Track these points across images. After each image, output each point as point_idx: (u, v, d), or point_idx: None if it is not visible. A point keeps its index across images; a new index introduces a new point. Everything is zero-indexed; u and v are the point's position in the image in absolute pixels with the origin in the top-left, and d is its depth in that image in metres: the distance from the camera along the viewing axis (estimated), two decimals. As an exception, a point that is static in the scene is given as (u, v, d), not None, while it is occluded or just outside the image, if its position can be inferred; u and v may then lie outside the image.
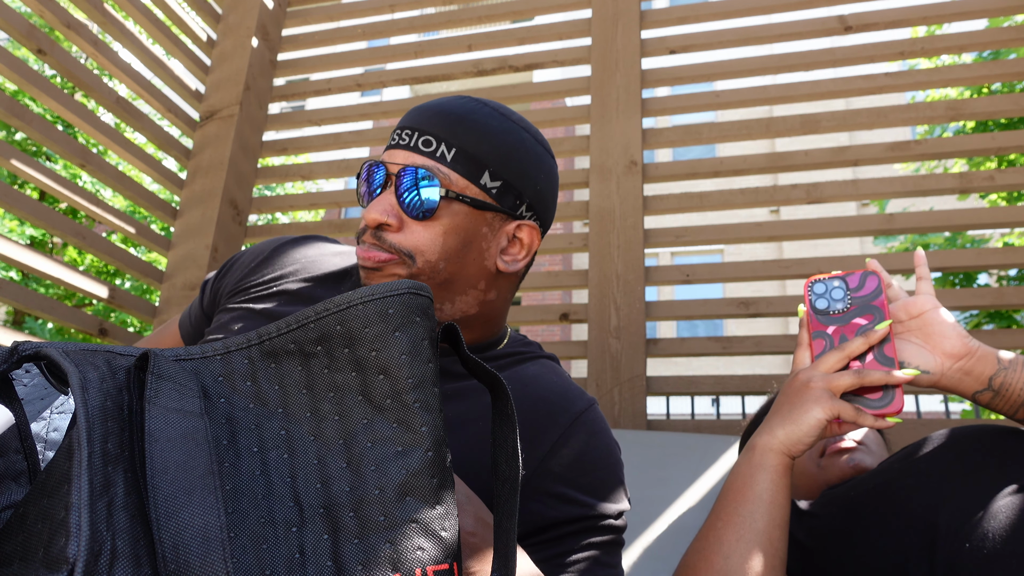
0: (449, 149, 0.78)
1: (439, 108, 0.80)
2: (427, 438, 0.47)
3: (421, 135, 0.79)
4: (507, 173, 0.80)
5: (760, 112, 14.85)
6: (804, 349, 0.88)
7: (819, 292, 0.89)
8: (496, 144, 0.80)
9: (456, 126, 0.79)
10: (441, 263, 0.78)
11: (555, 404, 0.83)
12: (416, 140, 0.79)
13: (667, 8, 2.15)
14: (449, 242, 0.78)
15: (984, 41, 1.99)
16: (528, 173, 0.82)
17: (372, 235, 0.79)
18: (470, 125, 0.79)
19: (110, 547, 0.37)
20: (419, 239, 0.78)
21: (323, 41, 2.51)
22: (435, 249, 0.78)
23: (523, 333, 12.16)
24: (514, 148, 0.81)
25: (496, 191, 0.80)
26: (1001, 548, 0.75)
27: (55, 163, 7.90)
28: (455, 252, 0.79)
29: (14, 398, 0.47)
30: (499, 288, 0.85)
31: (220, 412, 0.47)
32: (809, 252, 14.33)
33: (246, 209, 2.33)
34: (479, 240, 0.80)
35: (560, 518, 0.77)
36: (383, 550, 0.44)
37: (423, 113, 0.80)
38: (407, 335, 0.49)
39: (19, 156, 1.71)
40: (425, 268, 0.78)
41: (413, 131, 0.80)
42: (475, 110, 0.81)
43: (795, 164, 1.98)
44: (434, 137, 0.78)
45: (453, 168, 0.78)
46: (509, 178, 0.80)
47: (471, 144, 0.78)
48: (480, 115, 0.80)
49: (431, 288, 0.76)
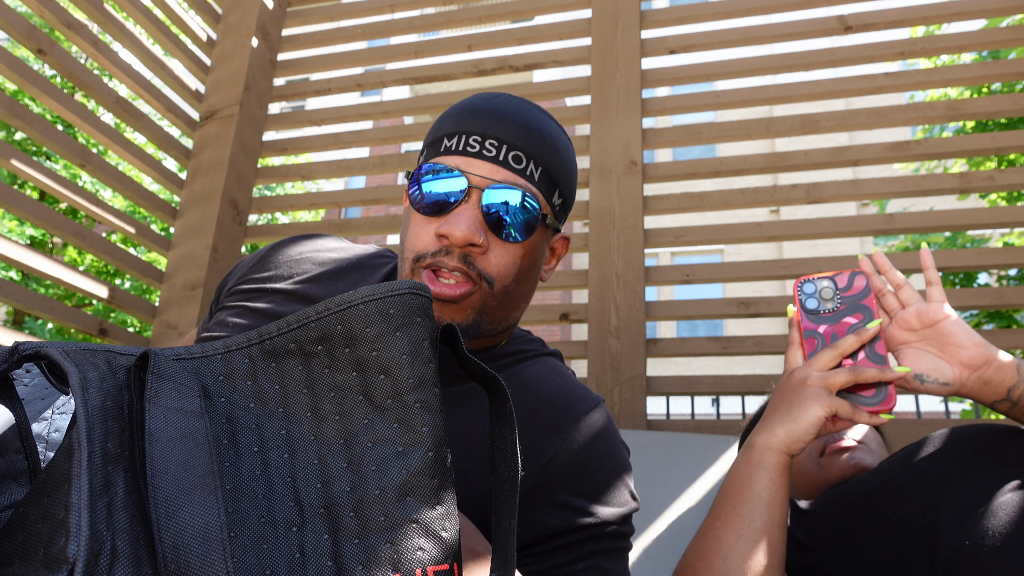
0: (536, 167, 0.73)
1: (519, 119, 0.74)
2: (428, 438, 0.47)
3: (510, 149, 0.72)
4: (568, 192, 0.79)
5: (760, 112, 14.85)
6: (796, 348, 0.88)
7: (809, 292, 0.89)
8: (565, 162, 0.77)
9: (541, 142, 0.74)
10: (513, 284, 0.74)
11: (556, 409, 0.80)
12: (506, 154, 0.72)
13: (667, 8, 2.15)
14: (525, 263, 0.75)
15: (983, 41, 1.99)
16: (574, 188, 0.81)
17: (459, 259, 0.70)
18: (551, 143, 0.75)
19: (110, 547, 0.37)
20: (503, 263, 0.72)
21: (323, 41, 2.51)
22: (513, 272, 0.73)
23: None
24: (572, 165, 0.79)
25: (559, 208, 0.78)
26: (1001, 545, 0.75)
27: (55, 163, 7.90)
28: (526, 272, 0.76)
29: (15, 398, 0.47)
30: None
31: (220, 411, 0.47)
32: (809, 252, 14.33)
33: (246, 209, 2.33)
34: (541, 258, 0.79)
35: (562, 527, 0.74)
36: (383, 550, 0.44)
37: (503, 121, 0.73)
38: (408, 335, 0.49)
39: (19, 156, 1.71)
40: (499, 294, 0.73)
41: (500, 142, 0.72)
42: (547, 122, 0.77)
43: (795, 164, 1.98)
44: (524, 153, 0.72)
45: (539, 187, 0.74)
46: (568, 196, 0.79)
47: (551, 163, 0.75)
48: (554, 130, 0.77)
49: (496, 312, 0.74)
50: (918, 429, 1.68)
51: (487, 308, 0.73)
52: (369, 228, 2.21)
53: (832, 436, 1.12)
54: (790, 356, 0.88)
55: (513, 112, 0.74)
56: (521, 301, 0.79)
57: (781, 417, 0.81)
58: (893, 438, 1.50)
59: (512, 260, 0.72)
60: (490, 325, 0.77)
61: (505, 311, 0.76)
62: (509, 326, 0.82)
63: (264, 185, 7.98)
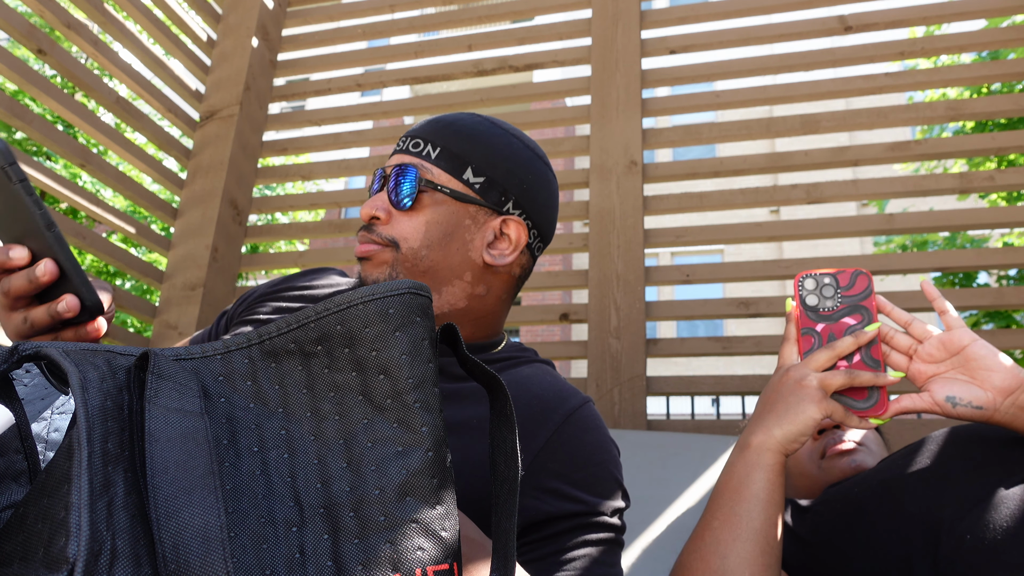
0: (434, 148, 0.86)
1: (434, 117, 0.90)
2: (427, 438, 0.47)
3: (413, 139, 0.88)
4: (490, 170, 0.86)
5: (760, 112, 14.85)
6: (792, 344, 0.88)
7: (809, 288, 0.89)
8: (480, 144, 0.87)
9: (444, 130, 0.87)
10: (423, 250, 0.84)
11: (549, 401, 0.83)
12: (408, 144, 0.88)
13: (667, 8, 2.15)
14: (432, 231, 0.85)
15: (983, 41, 1.99)
16: (513, 172, 0.88)
17: (364, 228, 0.87)
18: (457, 128, 0.87)
19: (110, 547, 0.37)
20: (403, 228, 0.85)
21: (323, 41, 2.51)
22: (418, 236, 0.85)
23: (523, 331, 12.08)
24: (498, 148, 0.87)
25: (479, 186, 0.86)
26: (1002, 538, 0.75)
27: (55, 163, 7.90)
28: (437, 240, 0.85)
29: (14, 398, 0.47)
30: (488, 284, 0.88)
31: (220, 412, 0.47)
32: (809, 252, 14.33)
33: (246, 209, 2.33)
34: (462, 231, 0.86)
35: (555, 513, 0.76)
36: (383, 550, 0.44)
37: (420, 123, 0.90)
38: (407, 335, 0.49)
39: (19, 156, 1.71)
40: (408, 254, 0.84)
41: (408, 138, 0.89)
42: (466, 119, 0.89)
43: (795, 164, 1.99)
44: (422, 139, 0.87)
45: (436, 164, 0.86)
46: (492, 175, 0.86)
47: (455, 144, 0.86)
48: (469, 122, 0.88)
49: (416, 276, 0.84)
50: (918, 429, 1.68)
51: (402, 269, 0.86)
52: (369, 228, 2.20)
53: (833, 438, 1.12)
54: (785, 352, 0.88)
55: (437, 117, 0.90)
56: (452, 276, 0.86)
57: (778, 417, 0.81)
58: (893, 438, 1.50)
59: (413, 226, 0.85)
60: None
61: (427, 279, 0.86)
62: (455, 309, 0.87)
63: (264, 185, 7.97)
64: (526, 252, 0.91)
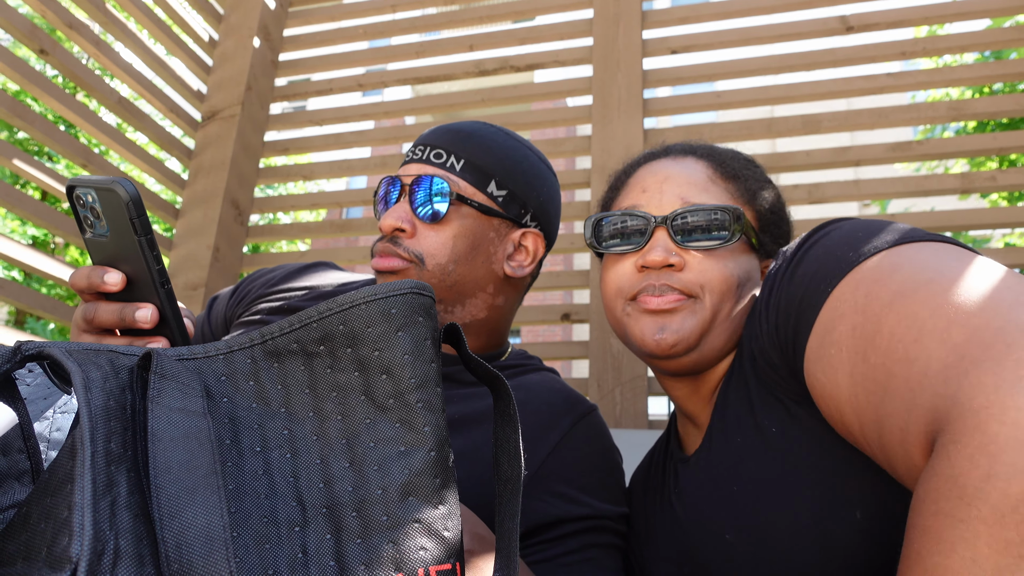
0: (458, 160, 0.85)
1: (449, 127, 0.88)
2: (430, 438, 0.47)
3: (433, 149, 0.86)
4: (512, 183, 0.86)
5: (761, 112, 14.83)
6: None
7: None
8: (501, 157, 0.86)
9: (465, 141, 0.85)
10: (451, 265, 0.83)
11: (558, 406, 0.85)
12: (428, 154, 0.86)
13: (669, 8, 2.15)
14: (459, 245, 0.83)
15: (985, 41, 1.98)
16: (532, 184, 0.88)
17: (387, 241, 0.83)
18: (478, 140, 0.86)
19: (113, 547, 0.37)
20: (430, 243, 0.82)
21: (325, 41, 2.51)
22: (445, 252, 0.83)
23: (524, 331, 12.01)
24: (518, 162, 0.87)
25: (502, 199, 0.86)
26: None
27: (57, 163, 7.90)
28: (464, 255, 0.84)
29: (17, 398, 0.47)
30: (506, 294, 0.90)
31: (223, 411, 0.47)
32: (810, 252, 14.29)
33: (248, 209, 2.33)
34: (487, 244, 0.85)
35: (562, 516, 0.77)
36: (386, 550, 0.44)
37: (434, 132, 0.87)
38: (410, 335, 0.49)
39: (21, 156, 1.71)
40: (436, 271, 0.82)
41: (426, 147, 0.86)
42: (482, 129, 0.88)
43: (796, 164, 1.98)
44: (444, 150, 0.85)
45: (462, 176, 0.84)
46: (514, 188, 0.86)
47: (478, 156, 0.85)
48: (487, 132, 0.87)
49: (442, 291, 0.83)
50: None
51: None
52: (370, 228, 2.21)
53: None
54: None
55: (451, 125, 0.88)
56: (477, 289, 0.85)
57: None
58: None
59: (441, 240, 0.82)
60: (439, 304, 0.83)
61: (452, 293, 0.84)
62: (476, 320, 0.87)
63: (266, 185, 7.98)
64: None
